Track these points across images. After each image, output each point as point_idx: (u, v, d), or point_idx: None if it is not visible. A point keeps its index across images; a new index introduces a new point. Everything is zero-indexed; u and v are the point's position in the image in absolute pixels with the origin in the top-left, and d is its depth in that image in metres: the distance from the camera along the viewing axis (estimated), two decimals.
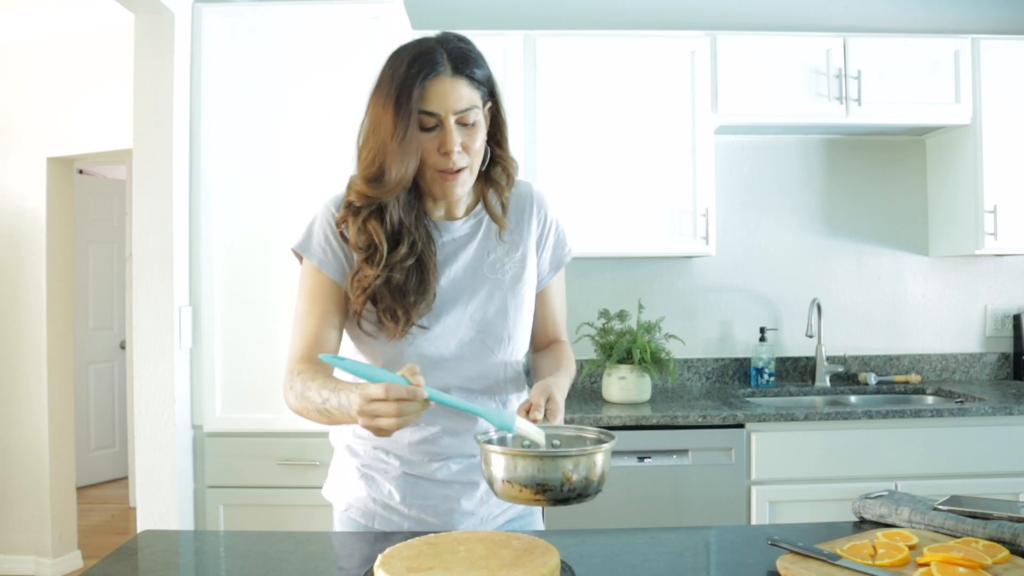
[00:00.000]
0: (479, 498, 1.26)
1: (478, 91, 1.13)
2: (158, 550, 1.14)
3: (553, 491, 0.96)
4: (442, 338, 1.21)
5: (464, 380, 1.24)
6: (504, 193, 1.25)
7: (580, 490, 0.98)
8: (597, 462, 0.99)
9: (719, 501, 2.35)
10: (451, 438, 1.24)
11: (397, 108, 1.09)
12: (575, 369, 1.33)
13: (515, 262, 1.26)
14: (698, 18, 2.98)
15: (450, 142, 1.11)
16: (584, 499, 0.99)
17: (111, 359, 4.99)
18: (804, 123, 2.77)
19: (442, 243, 1.23)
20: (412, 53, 1.11)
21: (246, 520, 2.31)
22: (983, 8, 3.05)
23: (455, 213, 1.25)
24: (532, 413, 1.09)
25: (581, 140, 2.65)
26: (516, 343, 1.27)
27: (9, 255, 3.30)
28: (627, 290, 2.98)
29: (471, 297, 1.23)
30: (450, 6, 2.96)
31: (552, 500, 0.97)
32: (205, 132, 2.34)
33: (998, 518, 1.08)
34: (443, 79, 1.10)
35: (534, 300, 1.32)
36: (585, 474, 0.98)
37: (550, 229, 1.32)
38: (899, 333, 3.05)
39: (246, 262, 2.34)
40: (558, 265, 1.35)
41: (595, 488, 1.00)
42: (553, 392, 1.14)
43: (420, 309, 1.17)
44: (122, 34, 2.94)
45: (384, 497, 1.26)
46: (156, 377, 2.28)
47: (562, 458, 0.97)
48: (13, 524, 3.31)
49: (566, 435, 1.11)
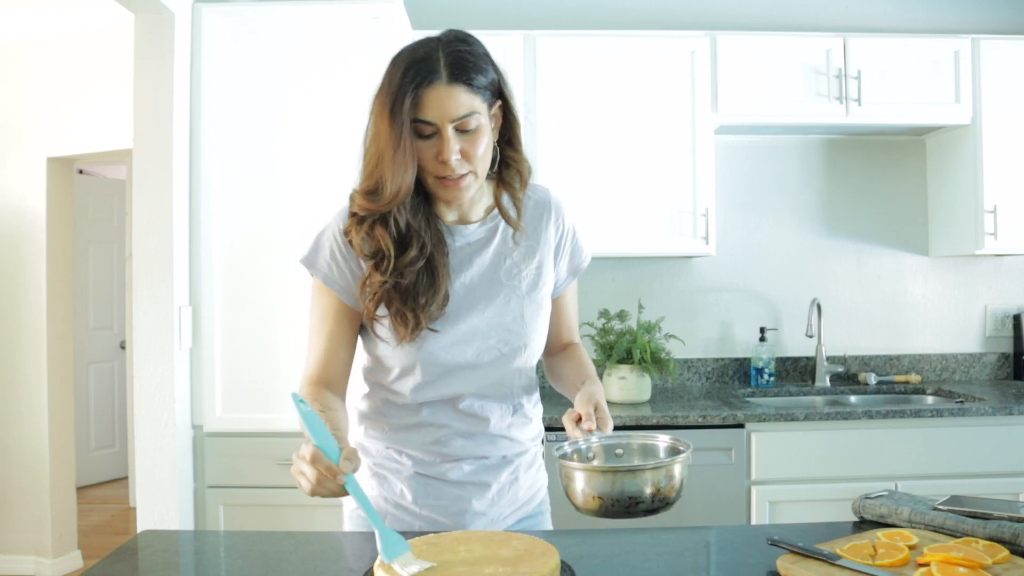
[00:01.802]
0: (490, 499, 1.26)
1: (479, 95, 1.10)
2: (158, 550, 1.14)
3: (644, 502, 0.99)
4: (458, 345, 1.20)
5: (479, 387, 1.23)
6: (517, 194, 1.23)
7: (665, 500, 1.00)
8: (675, 473, 1.01)
9: (719, 501, 2.35)
10: (463, 440, 1.24)
11: (392, 118, 1.07)
12: (595, 370, 1.33)
13: (532, 269, 1.25)
14: (698, 18, 2.98)
15: (447, 151, 1.09)
16: (668, 508, 1.02)
17: (111, 359, 4.99)
18: (804, 123, 2.77)
19: (456, 248, 1.21)
20: (408, 59, 1.09)
21: (246, 520, 2.31)
22: (983, 8, 3.05)
23: (469, 217, 1.23)
24: (584, 424, 1.09)
25: (581, 140, 2.65)
26: (532, 350, 1.26)
27: (9, 255, 3.30)
28: (627, 290, 2.98)
29: (488, 304, 1.21)
30: (450, 6, 2.96)
31: (643, 511, 1.00)
32: (205, 132, 2.34)
33: (998, 518, 1.07)
34: (438, 87, 1.07)
35: (550, 307, 1.30)
36: (669, 483, 1.00)
37: (568, 236, 1.31)
38: (899, 333, 3.05)
39: (246, 262, 2.34)
40: (575, 272, 1.34)
41: (675, 497, 1.02)
42: (599, 400, 1.13)
43: (431, 311, 1.15)
44: (122, 34, 2.94)
45: (396, 496, 1.26)
46: (156, 377, 2.28)
47: (651, 470, 0.99)
48: (13, 524, 3.31)
49: (627, 443, 1.14)
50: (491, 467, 1.26)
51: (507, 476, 1.28)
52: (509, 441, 1.27)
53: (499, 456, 1.27)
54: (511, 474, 1.28)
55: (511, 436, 1.27)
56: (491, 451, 1.26)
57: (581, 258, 1.34)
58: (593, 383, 1.21)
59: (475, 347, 1.21)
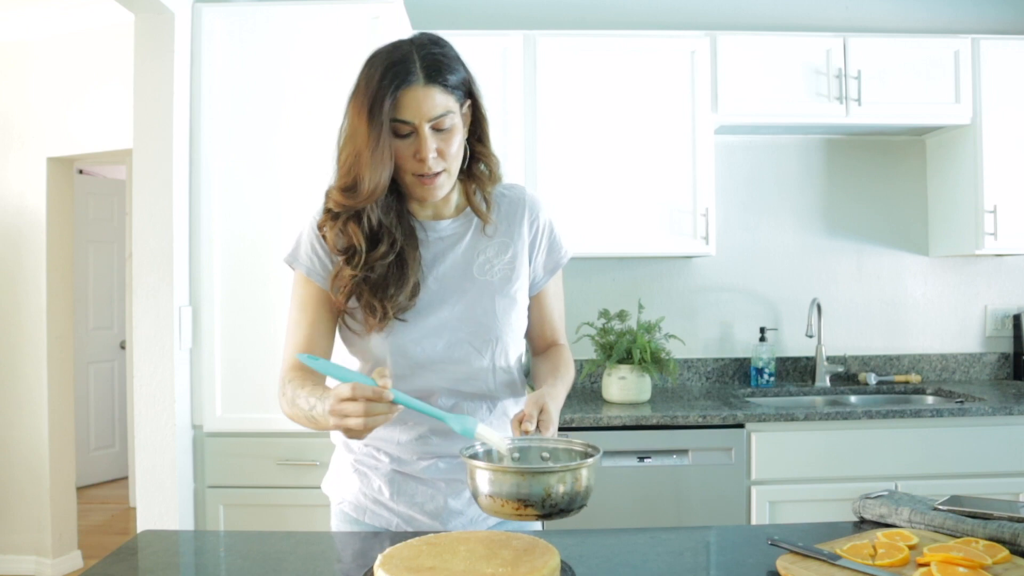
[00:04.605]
0: (467, 498, 1.27)
1: (453, 96, 1.14)
2: (158, 550, 1.14)
3: (535, 506, 0.95)
4: (428, 339, 1.21)
5: (452, 382, 1.24)
6: (486, 188, 1.26)
7: (563, 505, 0.96)
8: (581, 477, 0.97)
9: (719, 501, 2.35)
10: (440, 439, 1.25)
11: (371, 118, 1.11)
12: (573, 373, 1.33)
13: (504, 263, 1.27)
14: (698, 18, 2.98)
15: (424, 149, 1.12)
16: (567, 514, 0.97)
17: (111, 359, 4.99)
18: (804, 123, 2.77)
19: (429, 242, 1.24)
20: (385, 62, 1.13)
21: (246, 520, 2.31)
22: (983, 8, 3.05)
23: (443, 214, 1.27)
24: (524, 424, 1.08)
25: (581, 140, 2.65)
26: (505, 345, 1.26)
27: (9, 255, 3.30)
28: (627, 290, 2.98)
29: (459, 298, 1.23)
30: (450, 6, 2.96)
31: (535, 515, 0.96)
32: (205, 132, 2.34)
33: (998, 518, 1.08)
34: (416, 88, 1.11)
35: (526, 303, 1.31)
36: (568, 489, 0.96)
37: (543, 232, 1.32)
38: (899, 333, 3.05)
39: (246, 262, 2.34)
40: (554, 268, 1.34)
41: (579, 503, 0.98)
42: (547, 403, 1.13)
43: (399, 302, 1.18)
44: (122, 34, 2.94)
45: (374, 492, 1.28)
46: (156, 377, 2.28)
47: (544, 474, 0.95)
48: (13, 524, 3.31)
49: (554, 448, 1.09)
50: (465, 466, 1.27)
51: None
52: None
53: None
54: None
55: None
56: None
57: (560, 255, 1.35)
58: (553, 386, 1.20)
59: (445, 340, 1.22)
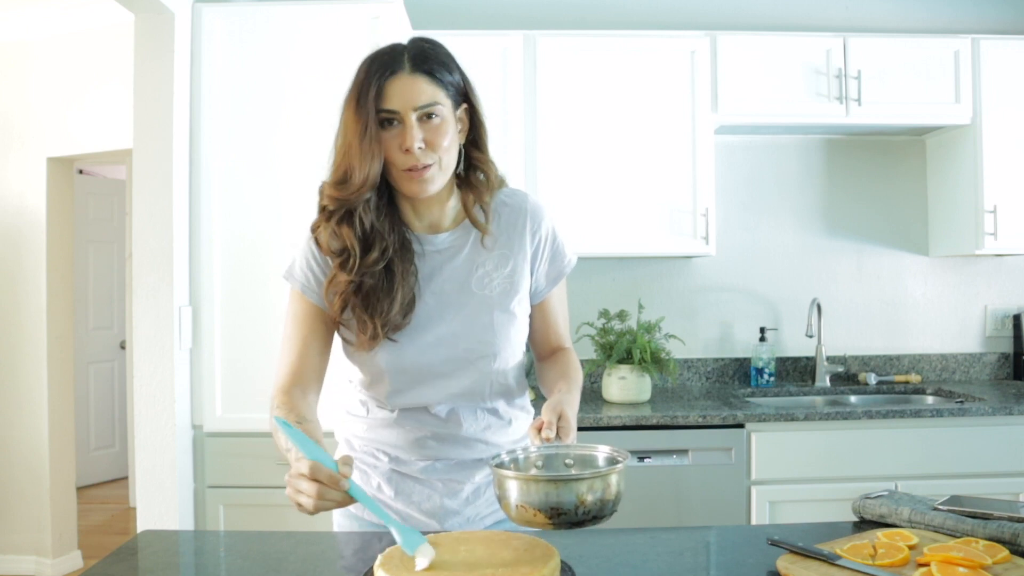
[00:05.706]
0: (464, 498, 1.27)
1: (442, 89, 1.13)
2: (158, 550, 1.14)
3: (568, 514, 0.94)
4: (425, 355, 1.20)
5: (447, 397, 1.24)
6: (484, 197, 1.22)
7: (595, 512, 0.95)
8: (612, 483, 0.96)
9: (719, 501, 2.35)
10: (437, 442, 1.25)
11: (358, 108, 1.11)
12: (582, 377, 1.31)
13: (504, 277, 1.24)
14: (698, 18, 2.98)
15: (410, 138, 1.10)
16: (600, 521, 0.97)
17: (111, 359, 4.99)
18: (804, 123, 2.77)
19: (426, 256, 1.22)
20: (374, 56, 1.14)
21: (246, 520, 2.31)
22: (983, 8, 3.05)
23: (441, 226, 1.24)
24: (544, 432, 1.08)
25: (581, 140, 2.65)
26: (504, 359, 1.25)
27: (9, 255, 3.30)
28: (627, 290, 2.98)
29: (457, 312, 1.21)
30: (450, 6, 2.96)
31: (567, 524, 0.95)
32: (205, 132, 2.34)
33: (998, 518, 1.08)
34: (401, 76, 1.11)
35: (527, 316, 1.29)
36: (600, 496, 0.95)
37: (545, 242, 1.28)
38: (899, 333, 3.05)
39: (246, 262, 2.34)
40: (557, 278, 1.31)
41: (610, 509, 0.97)
42: (565, 410, 1.12)
43: (391, 319, 1.16)
44: (122, 34, 2.94)
45: (374, 490, 1.29)
46: (156, 377, 2.28)
47: (576, 481, 0.95)
48: (13, 524, 3.31)
49: (578, 454, 1.08)
50: (464, 467, 1.27)
51: (483, 477, 1.28)
52: (485, 444, 1.27)
53: (473, 458, 1.27)
54: (487, 475, 1.28)
55: (487, 439, 1.27)
56: (465, 453, 1.27)
57: (563, 264, 1.31)
58: (568, 392, 1.19)
59: (442, 356, 1.21)
